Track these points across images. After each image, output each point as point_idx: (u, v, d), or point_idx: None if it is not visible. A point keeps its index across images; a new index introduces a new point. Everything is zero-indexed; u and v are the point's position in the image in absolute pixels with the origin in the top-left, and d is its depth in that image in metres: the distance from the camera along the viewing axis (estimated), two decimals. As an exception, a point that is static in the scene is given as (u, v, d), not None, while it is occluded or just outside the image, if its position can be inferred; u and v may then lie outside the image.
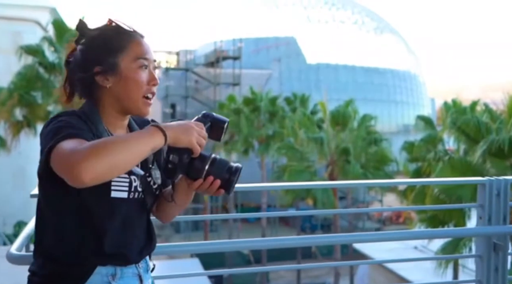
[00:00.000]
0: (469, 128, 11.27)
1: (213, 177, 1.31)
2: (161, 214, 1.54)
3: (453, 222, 11.31)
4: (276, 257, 21.11)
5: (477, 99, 16.37)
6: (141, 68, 1.33)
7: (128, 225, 1.35)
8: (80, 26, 1.34)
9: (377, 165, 17.21)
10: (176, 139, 1.23)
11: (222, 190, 1.33)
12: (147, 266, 1.45)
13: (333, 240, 2.98)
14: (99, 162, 1.08)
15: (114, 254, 1.32)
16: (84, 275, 1.30)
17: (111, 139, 1.16)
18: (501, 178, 2.55)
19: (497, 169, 10.76)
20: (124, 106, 1.35)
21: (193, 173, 1.31)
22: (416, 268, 14.55)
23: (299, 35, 35.08)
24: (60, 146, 1.15)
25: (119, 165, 1.12)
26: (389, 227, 28.60)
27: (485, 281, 2.55)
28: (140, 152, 1.16)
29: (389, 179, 16.44)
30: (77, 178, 1.08)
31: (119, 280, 1.34)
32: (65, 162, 1.11)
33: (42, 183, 1.30)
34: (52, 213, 1.31)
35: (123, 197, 1.31)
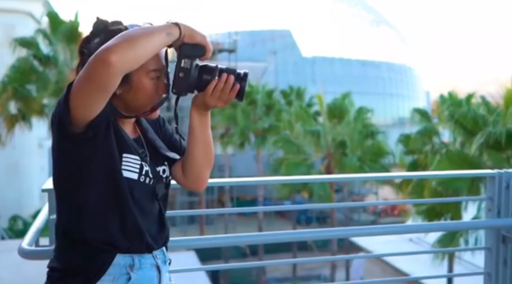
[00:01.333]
0: (466, 121, 11.30)
1: (227, 74, 1.35)
2: (190, 178, 1.53)
3: (449, 214, 11.37)
4: (272, 249, 21.16)
5: (473, 92, 16.42)
6: (152, 79, 1.37)
7: (141, 210, 1.37)
8: (102, 26, 1.36)
9: (374, 158, 17.24)
10: (190, 34, 1.31)
11: (238, 86, 1.36)
12: (164, 257, 1.47)
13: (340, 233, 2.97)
14: (125, 46, 1.18)
15: (133, 236, 1.35)
16: (104, 264, 1.32)
17: (135, 30, 1.25)
18: (510, 171, 2.55)
19: (494, 161, 10.82)
20: (132, 111, 1.40)
21: (206, 76, 1.35)
22: (412, 260, 14.62)
23: (295, 28, 35.00)
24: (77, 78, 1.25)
25: (141, 50, 1.21)
26: (385, 220, 28.73)
27: (494, 274, 2.56)
28: (159, 41, 1.25)
29: (386, 171, 16.48)
30: (105, 59, 1.16)
31: (138, 271, 1.36)
32: (91, 58, 1.20)
33: (59, 149, 1.33)
34: (76, 196, 1.33)
35: (133, 178, 1.36)
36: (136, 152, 1.40)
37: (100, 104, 1.26)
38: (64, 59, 16.26)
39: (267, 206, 21.14)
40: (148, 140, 1.48)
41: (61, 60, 16.01)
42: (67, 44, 16.05)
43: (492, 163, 10.75)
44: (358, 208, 28.82)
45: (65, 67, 15.98)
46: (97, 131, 1.29)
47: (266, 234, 2.66)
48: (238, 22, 34.52)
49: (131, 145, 1.40)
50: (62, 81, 15.70)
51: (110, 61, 1.16)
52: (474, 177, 10.53)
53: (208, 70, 1.36)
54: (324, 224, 26.72)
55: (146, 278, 1.39)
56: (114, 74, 1.19)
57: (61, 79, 15.65)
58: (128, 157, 1.36)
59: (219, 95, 1.36)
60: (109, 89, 1.24)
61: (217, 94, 1.36)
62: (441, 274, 9.82)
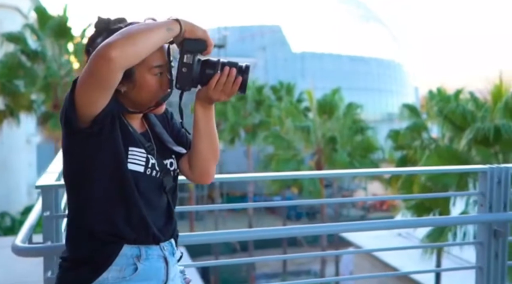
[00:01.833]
0: (455, 117, 11.38)
1: (229, 67, 1.37)
2: (196, 172, 1.55)
3: (438, 209, 11.47)
4: (262, 245, 21.21)
5: (461, 88, 16.53)
6: (155, 75, 1.39)
7: (147, 203, 1.40)
8: (104, 24, 1.38)
9: (363, 153, 17.32)
10: (191, 29, 1.34)
11: (240, 79, 1.38)
12: (172, 249, 1.49)
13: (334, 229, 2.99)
14: (125, 41, 1.20)
15: (139, 227, 1.38)
16: (111, 254, 1.35)
17: (135, 26, 1.27)
18: (502, 166, 2.58)
19: (482, 157, 10.92)
20: (138, 107, 1.43)
21: (209, 71, 1.38)
22: (401, 254, 14.72)
23: (284, 23, 34.98)
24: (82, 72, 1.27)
25: (142, 45, 1.23)
26: (373, 215, 28.93)
27: (485, 267, 2.59)
28: (159, 36, 1.28)
29: (375, 167, 16.57)
30: (105, 54, 1.19)
31: (145, 261, 1.39)
32: (93, 55, 1.22)
33: (67, 143, 1.37)
34: (83, 189, 1.37)
35: (139, 171, 1.38)
36: (142, 145, 1.43)
37: (103, 100, 1.29)
38: (53, 54, 16.10)
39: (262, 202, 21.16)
40: (155, 134, 1.51)
41: (49, 55, 15.85)
42: (55, 39, 15.89)
43: (481, 158, 10.85)
44: (347, 203, 28.98)
45: (53, 63, 15.83)
46: (103, 125, 1.33)
47: (258, 230, 2.67)
48: (227, 17, 34.41)
49: (137, 139, 1.43)
50: (50, 77, 15.56)
51: (110, 57, 1.19)
52: (462, 173, 10.63)
53: (210, 64, 1.39)
54: (313, 220, 26.86)
55: (153, 268, 1.41)
56: (115, 70, 1.22)
57: (49, 75, 15.51)
58: (134, 151, 1.39)
59: (222, 88, 1.39)
60: (111, 84, 1.27)
61: (220, 88, 1.39)
62: (434, 269, 9.92)
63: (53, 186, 2.08)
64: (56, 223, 2.07)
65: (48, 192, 2.04)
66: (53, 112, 15.88)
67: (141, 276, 1.39)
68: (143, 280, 1.39)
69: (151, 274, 1.41)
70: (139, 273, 1.38)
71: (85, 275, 1.36)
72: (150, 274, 1.40)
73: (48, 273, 2.04)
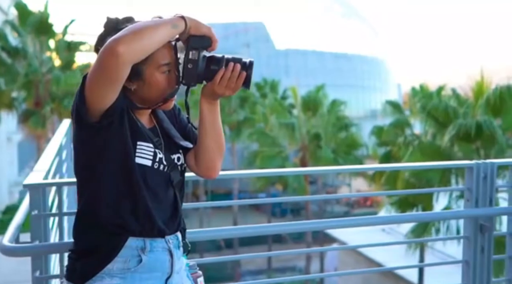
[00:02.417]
0: (438, 113, 11.51)
1: (233, 63, 1.41)
2: (202, 167, 1.58)
3: (422, 204, 11.60)
4: (247, 242, 21.24)
5: (443, 84, 16.72)
6: (164, 73, 1.42)
7: (154, 196, 1.44)
8: (112, 24, 1.42)
9: (348, 150, 17.45)
10: (196, 26, 1.38)
11: (244, 74, 1.41)
12: (178, 242, 1.52)
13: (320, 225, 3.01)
14: (132, 37, 1.25)
15: (144, 220, 1.41)
16: (117, 246, 1.39)
17: (142, 23, 1.32)
18: (488, 162, 2.61)
19: (464, 152, 11.07)
20: (147, 103, 1.46)
21: (214, 67, 1.41)
22: (385, 250, 14.85)
23: (268, 20, 34.99)
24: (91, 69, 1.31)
25: (148, 41, 1.28)
26: (357, 211, 29.13)
27: (472, 261, 2.63)
28: (164, 32, 1.32)
29: (359, 163, 16.70)
30: (113, 50, 1.23)
31: (149, 253, 1.42)
32: (101, 50, 1.26)
33: (77, 136, 1.41)
34: (92, 181, 1.42)
35: (147, 165, 1.42)
36: (151, 140, 1.47)
37: (112, 94, 1.33)
38: (34, 51, 15.87)
39: (249, 199, 21.17)
40: (163, 129, 1.55)
41: (30, 52, 15.62)
42: (36, 35, 15.66)
43: (463, 154, 11.00)
44: (331, 199, 29.13)
45: (34, 60, 15.60)
46: (112, 120, 1.36)
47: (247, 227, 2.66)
48: (211, 14, 34.31)
49: (145, 133, 1.47)
50: (31, 74, 15.34)
51: (118, 52, 1.23)
52: (445, 169, 10.77)
53: (215, 60, 1.42)
54: (298, 216, 26.94)
55: (157, 261, 1.44)
56: (122, 64, 1.26)
57: (30, 72, 15.29)
58: (142, 145, 1.43)
59: (227, 83, 1.42)
60: (119, 79, 1.30)
61: (225, 83, 1.42)
62: (421, 264, 10.04)
63: (41, 184, 2.05)
64: (44, 222, 2.04)
65: (35, 191, 2.01)
66: (34, 109, 15.66)
67: (146, 268, 1.42)
68: (148, 271, 1.43)
69: (155, 266, 1.44)
70: (144, 264, 1.41)
71: (91, 265, 1.40)
72: (155, 266, 1.44)
73: (37, 273, 2.02)
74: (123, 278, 1.40)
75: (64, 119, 6.41)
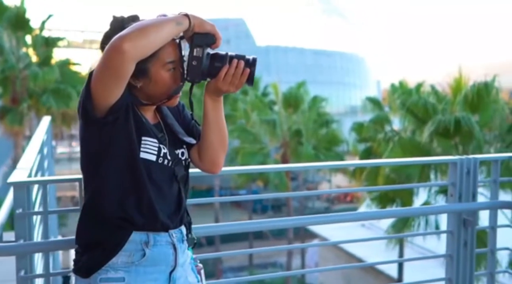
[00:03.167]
0: (417, 109, 11.65)
1: (237, 60, 1.44)
2: (206, 162, 1.61)
3: (401, 200, 11.75)
4: (228, 239, 21.24)
5: (422, 81, 16.92)
6: (169, 71, 1.45)
7: (158, 190, 1.47)
8: (118, 23, 1.43)
9: (328, 146, 17.54)
10: (200, 24, 1.41)
11: (248, 71, 1.45)
12: (182, 236, 1.55)
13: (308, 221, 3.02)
14: (137, 34, 1.28)
15: (148, 214, 1.44)
16: (121, 240, 1.42)
17: (147, 20, 1.35)
18: (471, 157, 2.65)
19: (443, 148, 11.24)
20: (152, 100, 1.49)
21: (218, 64, 1.44)
22: (365, 245, 15.01)
23: (248, 16, 35.00)
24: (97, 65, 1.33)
25: (152, 38, 1.30)
26: (338, 206, 29.36)
27: (455, 255, 2.67)
28: (169, 30, 1.35)
29: (340, 159, 16.82)
30: (118, 47, 1.26)
31: (153, 248, 1.46)
32: (107, 47, 1.29)
33: (83, 132, 1.43)
34: (98, 176, 1.44)
35: (151, 160, 1.45)
36: (155, 135, 1.49)
37: (117, 90, 1.36)
38: (10, 47, 15.54)
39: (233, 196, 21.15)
40: (167, 125, 1.58)
41: (6, 48, 15.29)
42: (12, 31, 15.35)
43: (442, 149, 11.17)
44: (312, 195, 29.29)
45: (11, 55, 15.28)
46: (117, 116, 1.39)
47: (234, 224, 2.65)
48: (191, 10, 34.09)
49: (150, 129, 1.49)
50: (8, 70, 15.04)
51: (123, 49, 1.26)
52: (424, 164, 10.92)
53: (219, 58, 1.46)
54: (279, 213, 27.04)
55: (161, 254, 1.47)
56: (127, 61, 1.28)
57: (7, 68, 14.98)
58: (147, 140, 1.45)
59: (230, 80, 1.46)
60: (124, 75, 1.33)
61: (229, 79, 1.46)
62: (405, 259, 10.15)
63: (25, 182, 2.02)
64: (28, 220, 2.01)
65: (20, 189, 1.98)
66: (11, 106, 15.36)
67: (149, 262, 1.45)
68: (151, 265, 1.46)
69: (159, 259, 1.47)
70: (147, 258, 1.44)
71: (96, 259, 1.43)
72: (158, 260, 1.47)
73: (21, 272, 1.99)
74: (127, 271, 1.43)
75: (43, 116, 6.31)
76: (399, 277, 13.59)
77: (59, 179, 2.24)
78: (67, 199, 27.06)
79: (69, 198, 27.48)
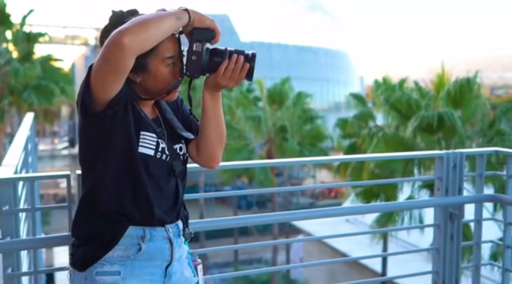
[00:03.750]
0: (401, 105, 11.77)
1: (237, 55, 1.45)
2: (204, 157, 1.62)
3: (385, 195, 11.87)
4: (213, 235, 21.22)
5: (405, 77, 17.06)
6: (168, 66, 1.45)
7: (156, 185, 1.47)
8: (118, 18, 1.43)
9: (313, 142, 17.61)
10: (200, 19, 1.41)
11: (247, 66, 1.46)
12: (178, 231, 1.55)
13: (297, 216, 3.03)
14: (137, 29, 1.28)
15: (145, 208, 1.44)
16: (117, 235, 1.42)
17: (147, 15, 1.35)
18: (457, 151, 2.68)
19: (426, 143, 11.38)
20: (151, 95, 1.50)
21: (217, 59, 1.44)
22: (349, 240, 15.15)
23: (233, 12, 34.84)
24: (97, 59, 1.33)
25: (152, 33, 1.30)
26: (322, 202, 29.51)
27: (442, 249, 2.70)
28: (168, 24, 1.35)
29: (324, 155, 16.87)
30: (118, 41, 1.26)
31: (149, 242, 1.46)
32: (107, 41, 1.29)
33: (82, 127, 1.43)
34: (96, 169, 1.44)
35: (150, 154, 1.45)
36: (154, 130, 1.50)
37: (117, 84, 1.36)
38: (-10, 42, 15.29)
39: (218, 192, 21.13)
40: (166, 120, 1.58)
41: (-14, 43, 15.05)
42: (-8, 26, 15.11)
43: (425, 145, 11.30)
44: (296, 191, 29.39)
45: (-9, 51, 15.04)
46: (116, 110, 1.40)
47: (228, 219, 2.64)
48: (174, 6, 33.85)
49: (149, 123, 1.50)
50: (-12, 66, 14.80)
51: (123, 43, 1.26)
52: (408, 160, 11.04)
53: (219, 53, 1.46)
54: (264, 209, 27.08)
55: (157, 249, 1.48)
56: (127, 55, 1.29)
57: (-13, 64, 14.75)
58: (145, 135, 1.46)
59: (230, 75, 1.47)
60: (124, 70, 1.33)
61: (228, 74, 1.47)
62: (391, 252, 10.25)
63: (11, 179, 2.00)
64: (15, 218, 1.99)
65: (6, 186, 1.95)
66: (-8, 103, 15.13)
67: (145, 256, 1.46)
68: (147, 260, 1.47)
69: (155, 254, 1.48)
70: (143, 253, 1.45)
71: (92, 253, 1.44)
72: (154, 255, 1.48)
73: (9, 270, 1.96)
74: (123, 265, 1.44)
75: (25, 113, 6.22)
76: (383, 271, 13.73)
77: (47, 175, 2.21)
78: (49, 197, 26.78)
79: (51, 196, 27.19)
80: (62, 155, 38.02)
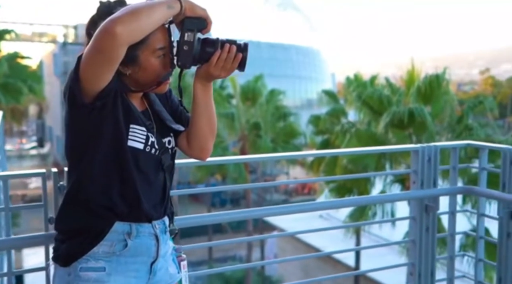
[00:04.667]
0: (372, 101, 11.94)
1: (229, 44, 1.42)
2: (195, 148, 1.60)
3: (359, 190, 12.03)
4: (187, 233, 21.07)
5: (376, 74, 17.30)
6: (158, 57, 1.42)
7: (145, 180, 1.45)
8: (106, 9, 1.39)
9: (286, 139, 17.70)
10: (191, 8, 1.38)
11: (240, 55, 1.43)
12: (165, 227, 1.53)
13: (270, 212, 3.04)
14: (129, 17, 1.25)
15: (132, 203, 1.42)
16: (103, 230, 1.40)
17: (138, 4, 1.32)
18: (431, 145, 2.73)
19: (398, 138, 11.57)
20: (141, 87, 1.47)
21: (209, 49, 1.41)
22: (322, 235, 15.28)
23: (204, 9, 34.70)
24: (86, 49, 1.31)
25: (144, 22, 1.28)
26: (296, 198, 29.68)
27: (418, 241, 2.76)
28: (160, 13, 1.32)
29: (298, 151, 16.99)
30: (110, 30, 1.23)
31: (135, 238, 1.44)
32: (98, 30, 1.26)
33: (70, 119, 1.39)
34: (83, 162, 1.41)
35: (139, 148, 1.42)
36: (143, 123, 1.47)
37: (107, 75, 1.33)
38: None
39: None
40: (155, 112, 1.55)
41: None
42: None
43: (396, 140, 11.49)
44: (270, 188, 29.50)
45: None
46: (105, 101, 1.36)
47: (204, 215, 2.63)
48: (145, 2, 33.53)
49: (138, 116, 1.47)
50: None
51: (115, 32, 1.23)
52: (380, 154, 11.21)
53: (210, 43, 1.43)
54: (237, 206, 27.06)
55: (143, 246, 1.46)
56: (119, 44, 1.26)
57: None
58: (135, 128, 1.43)
59: (222, 65, 1.44)
60: (115, 59, 1.30)
61: (221, 64, 1.44)
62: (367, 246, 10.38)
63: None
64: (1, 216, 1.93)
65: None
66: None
67: (131, 252, 1.44)
68: (133, 256, 1.44)
69: (141, 250, 1.45)
70: (129, 249, 1.43)
71: (77, 247, 1.40)
72: (140, 251, 1.45)
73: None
74: (108, 261, 1.41)
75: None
76: (357, 266, 13.92)
77: (22, 174, 2.16)
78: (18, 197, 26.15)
79: (20, 197, 26.56)
80: (30, 155, 37.20)
